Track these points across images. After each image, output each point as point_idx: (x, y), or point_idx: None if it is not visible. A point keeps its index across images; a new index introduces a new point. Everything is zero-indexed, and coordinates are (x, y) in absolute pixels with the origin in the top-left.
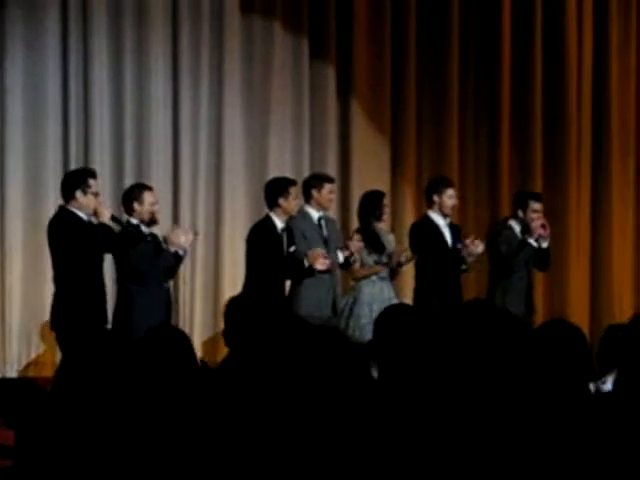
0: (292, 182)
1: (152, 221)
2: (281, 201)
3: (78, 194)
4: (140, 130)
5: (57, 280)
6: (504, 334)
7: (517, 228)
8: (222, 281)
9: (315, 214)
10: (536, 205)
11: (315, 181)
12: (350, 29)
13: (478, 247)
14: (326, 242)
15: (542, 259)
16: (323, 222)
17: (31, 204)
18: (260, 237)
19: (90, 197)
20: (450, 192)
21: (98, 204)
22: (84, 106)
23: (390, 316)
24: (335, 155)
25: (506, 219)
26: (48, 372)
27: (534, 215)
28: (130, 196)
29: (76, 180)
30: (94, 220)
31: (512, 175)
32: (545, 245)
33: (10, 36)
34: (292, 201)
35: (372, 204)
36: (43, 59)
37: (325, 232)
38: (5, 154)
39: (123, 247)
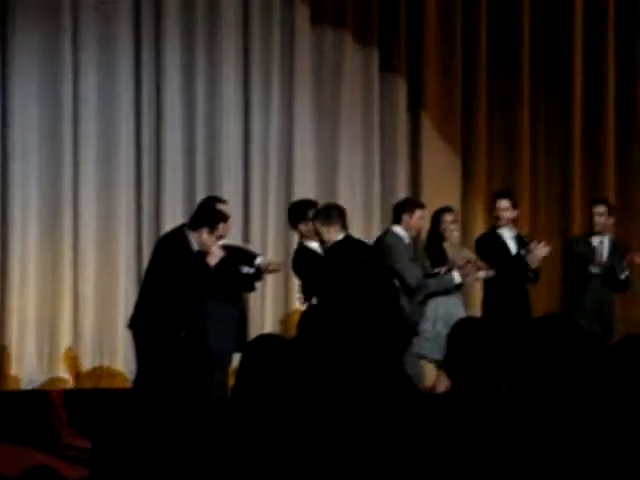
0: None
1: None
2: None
3: (204, 231)
4: (211, 141)
5: (145, 287)
6: (581, 351)
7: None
8: (292, 292)
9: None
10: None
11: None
12: (421, 41)
13: (543, 249)
14: None
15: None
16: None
17: (103, 215)
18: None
19: (213, 238)
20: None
21: (215, 247)
22: (156, 117)
23: (463, 330)
24: (405, 168)
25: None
26: (120, 383)
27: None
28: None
29: (209, 220)
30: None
31: (584, 190)
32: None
33: (84, 48)
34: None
35: (434, 221)
36: (116, 71)
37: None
38: (78, 165)
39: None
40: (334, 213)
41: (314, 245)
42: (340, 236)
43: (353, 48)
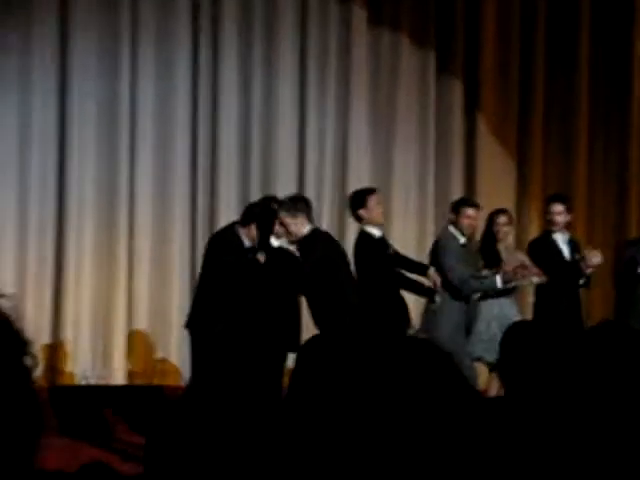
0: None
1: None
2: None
3: (254, 227)
4: (266, 141)
5: (200, 286)
6: (636, 357)
7: None
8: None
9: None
10: None
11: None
12: (478, 43)
13: (596, 257)
14: None
15: None
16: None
17: (158, 212)
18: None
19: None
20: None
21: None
22: (212, 117)
23: (516, 334)
24: (460, 171)
25: None
26: (173, 380)
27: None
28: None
29: (259, 215)
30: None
31: None
32: None
33: (142, 46)
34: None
35: (488, 223)
36: (173, 70)
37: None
38: (135, 163)
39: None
40: (300, 204)
41: (374, 231)
42: (307, 228)
43: (410, 50)
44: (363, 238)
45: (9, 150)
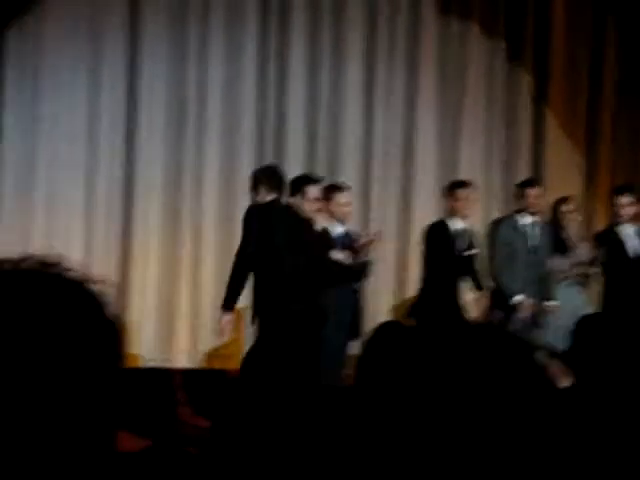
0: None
1: (342, 221)
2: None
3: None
4: (333, 129)
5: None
6: None
7: None
8: (408, 281)
9: None
10: None
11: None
12: (548, 34)
13: None
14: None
15: None
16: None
17: (224, 201)
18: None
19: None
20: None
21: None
22: (279, 106)
23: (587, 326)
24: (527, 162)
25: None
26: (233, 364)
27: None
28: (324, 195)
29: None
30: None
31: None
32: None
33: (211, 36)
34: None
35: (554, 212)
36: (241, 59)
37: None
38: (201, 150)
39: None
40: (267, 174)
41: (457, 224)
42: (269, 197)
43: (479, 39)
44: (439, 227)
45: (78, 134)
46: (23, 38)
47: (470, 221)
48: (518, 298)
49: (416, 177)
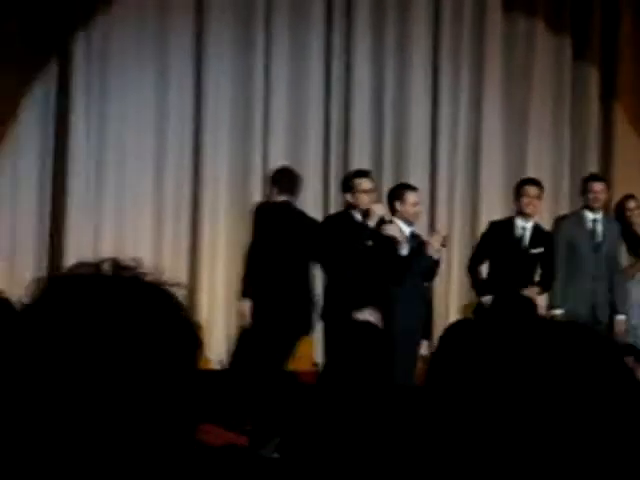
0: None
1: (411, 221)
2: None
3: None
4: (399, 129)
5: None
6: None
7: None
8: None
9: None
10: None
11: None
12: (616, 30)
13: None
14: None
15: None
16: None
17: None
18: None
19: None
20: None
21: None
22: (345, 105)
23: None
24: (595, 161)
25: None
26: (305, 365)
27: None
28: (393, 195)
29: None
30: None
31: None
32: None
33: (276, 34)
34: None
35: (619, 210)
36: (307, 57)
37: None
38: (267, 149)
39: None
40: (284, 177)
41: (522, 224)
42: (280, 199)
43: (545, 36)
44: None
45: (146, 133)
46: (90, 39)
47: (538, 219)
48: (559, 312)
49: (483, 177)
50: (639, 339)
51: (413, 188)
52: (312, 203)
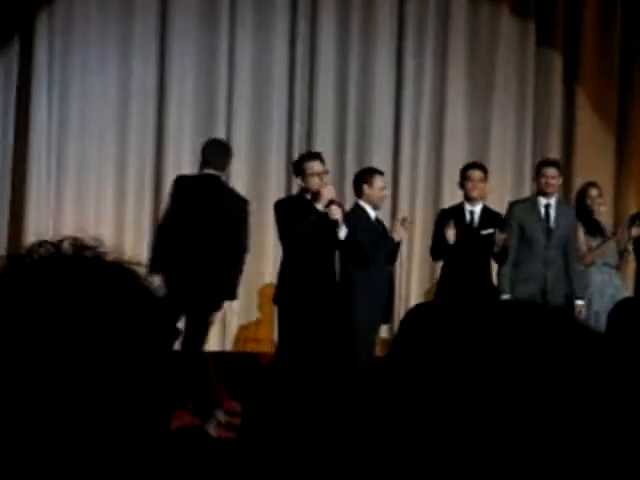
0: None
1: (377, 205)
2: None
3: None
4: (363, 110)
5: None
6: None
7: None
8: (438, 266)
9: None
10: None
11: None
12: (579, 15)
13: None
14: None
15: None
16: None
17: (254, 177)
18: None
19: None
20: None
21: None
22: (309, 86)
23: (625, 310)
24: (558, 143)
25: None
26: (265, 347)
27: None
28: (361, 178)
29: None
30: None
31: None
32: None
33: (241, 15)
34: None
35: (580, 196)
36: (271, 38)
37: None
38: (231, 128)
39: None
40: (212, 150)
41: (470, 207)
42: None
43: (509, 21)
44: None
45: (109, 109)
46: (53, 15)
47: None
48: (506, 297)
49: (446, 158)
50: (601, 324)
51: (381, 173)
52: (275, 184)
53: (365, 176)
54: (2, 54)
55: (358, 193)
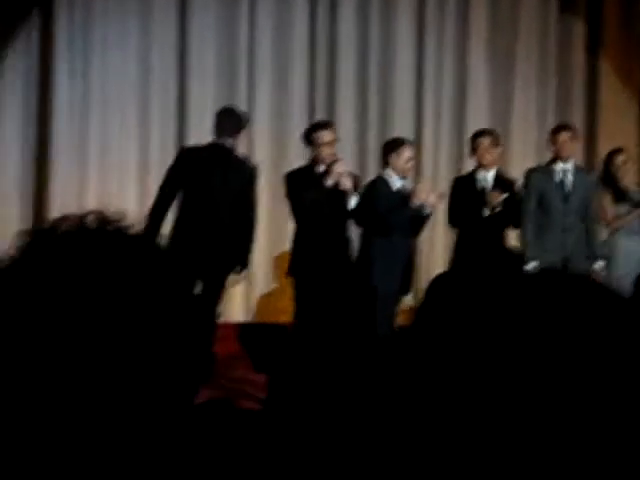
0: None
1: (403, 175)
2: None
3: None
4: (384, 80)
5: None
6: None
7: None
8: None
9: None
10: None
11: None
12: None
13: None
14: None
15: None
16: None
17: (276, 149)
18: None
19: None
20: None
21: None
22: (330, 55)
23: None
24: (581, 110)
25: None
26: (286, 318)
27: None
28: (390, 147)
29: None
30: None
31: None
32: None
33: None
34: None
35: (606, 163)
36: (291, 9)
37: None
38: (253, 105)
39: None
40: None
41: (483, 175)
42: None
43: None
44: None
45: (130, 83)
46: None
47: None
48: (533, 265)
49: (468, 128)
50: (625, 289)
51: (410, 143)
52: (296, 154)
53: (393, 145)
54: (22, 30)
55: (385, 161)
